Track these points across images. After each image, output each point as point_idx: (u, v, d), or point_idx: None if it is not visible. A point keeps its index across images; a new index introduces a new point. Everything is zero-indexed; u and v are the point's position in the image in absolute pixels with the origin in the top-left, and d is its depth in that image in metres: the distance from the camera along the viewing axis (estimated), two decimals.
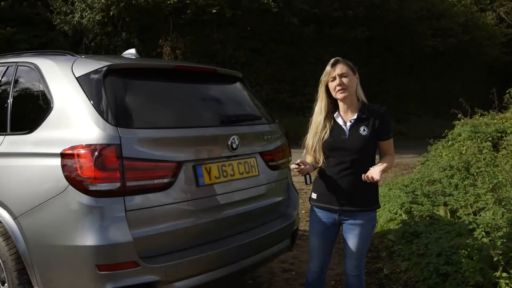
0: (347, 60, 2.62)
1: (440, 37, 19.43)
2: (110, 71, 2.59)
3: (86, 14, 15.12)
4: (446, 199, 4.92)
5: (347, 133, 2.57)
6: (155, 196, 2.46)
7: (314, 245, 2.74)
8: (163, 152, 2.51)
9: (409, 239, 4.24)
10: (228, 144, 2.80)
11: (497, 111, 7.93)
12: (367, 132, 2.54)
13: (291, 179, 3.52)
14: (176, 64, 3.18)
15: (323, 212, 2.67)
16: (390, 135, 2.61)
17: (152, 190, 2.46)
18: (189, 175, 2.62)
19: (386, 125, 2.58)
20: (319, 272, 2.77)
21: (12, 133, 2.78)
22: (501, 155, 6.32)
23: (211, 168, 2.73)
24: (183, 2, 14.68)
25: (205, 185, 2.69)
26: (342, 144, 2.57)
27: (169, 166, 2.52)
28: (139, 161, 2.41)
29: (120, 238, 2.31)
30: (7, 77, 3.03)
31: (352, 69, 2.59)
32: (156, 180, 2.46)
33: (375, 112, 2.57)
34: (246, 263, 2.89)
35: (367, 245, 2.69)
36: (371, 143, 2.56)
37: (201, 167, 2.68)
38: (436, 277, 3.38)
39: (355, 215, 2.59)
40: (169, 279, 2.45)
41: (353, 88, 2.58)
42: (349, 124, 2.58)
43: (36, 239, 2.45)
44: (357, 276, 2.70)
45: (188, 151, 2.64)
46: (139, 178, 2.39)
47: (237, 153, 2.87)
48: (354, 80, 2.58)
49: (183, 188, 2.59)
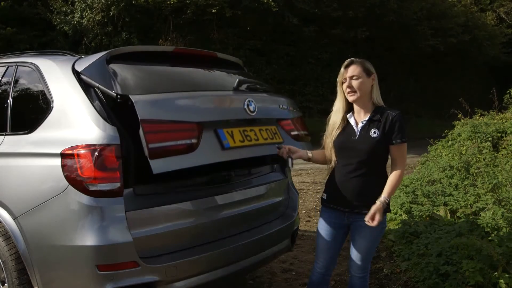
0: (342, 62, 2.58)
1: (440, 37, 19.42)
2: (112, 57, 2.61)
3: (86, 14, 15.11)
4: (446, 199, 4.92)
5: (357, 134, 2.54)
6: (182, 159, 2.38)
7: (320, 245, 2.70)
8: (179, 114, 2.47)
9: (409, 239, 4.25)
10: (244, 108, 2.75)
11: (497, 111, 7.93)
12: (378, 134, 2.49)
13: (291, 179, 3.52)
14: (176, 47, 3.20)
15: (332, 213, 2.64)
16: (404, 139, 2.50)
17: (178, 153, 2.37)
18: (212, 137, 2.55)
19: (398, 129, 2.49)
20: (323, 273, 2.72)
21: (12, 133, 2.78)
22: (501, 155, 6.32)
23: (233, 132, 2.68)
24: (183, 2, 14.67)
25: (230, 148, 2.62)
26: (352, 144, 2.55)
27: (189, 127, 2.45)
28: (157, 123, 2.34)
29: (120, 238, 2.31)
30: (7, 77, 3.03)
31: (367, 71, 2.54)
32: (179, 141, 2.39)
33: (388, 115, 2.51)
34: (246, 263, 2.89)
35: (374, 248, 2.65)
36: (381, 146, 2.50)
37: (223, 130, 2.63)
38: (436, 277, 3.38)
39: (363, 217, 2.49)
40: (169, 279, 2.45)
41: (365, 90, 2.53)
42: (361, 125, 2.55)
43: (36, 239, 2.45)
44: (362, 278, 2.66)
45: (205, 114, 2.59)
46: (160, 140, 2.31)
47: (255, 117, 2.80)
48: (366, 82, 2.53)
49: (209, 150, 2.52)
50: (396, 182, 2.49)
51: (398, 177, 2.49)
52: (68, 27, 15.30)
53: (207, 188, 2.82)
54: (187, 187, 2.76)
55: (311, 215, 5.92)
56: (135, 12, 15.26)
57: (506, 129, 6.83)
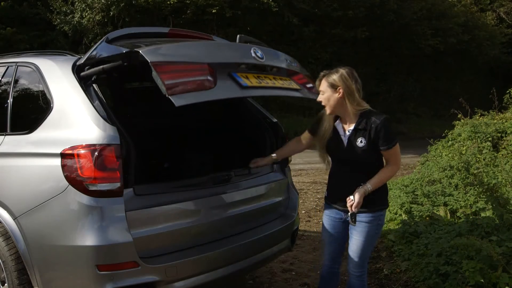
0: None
1: (440, 37, 19.40)
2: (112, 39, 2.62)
3: (86, 14, 15.10)
4: (446, 199, 4.93)
5: (345, 143, 2.58)
6: (201, 94, 2.31)
7: (325, 239, 2.81)
8: (189, 57, 2.43)
9: (409, 239, 4.25)
10: (252, 54, 2.65)
11: (497, 111, 7.92)
12: (364, 143, 2.51)
13: (291, 179, 3.52)
14: (171, 28, 3.20)
15: (332, 209, 2.73)
16: (390, 145, 2.50)
17: (196, 89, 2.30)
18: (227, 79, 2.50)
19: (384, 136, 2.48)
20: (330, 266, 2.82)
21: (12, 133, 2.78)
22: (501, 155, 6.32)
23: (248, 76, 2.62)
24: (183, 2, 14.67)
25: (248, 87, 2.55)
26: (341, 152, 2.60)
27: (202, 67, 2.39)
28: (168, 64, 2.29)
29: (120, 238, 2.32)
30: (7, 77, 3.03)
31: (332, 85, 2.53)
32: (195, 77, 2.33)
33: (373, 123, 2.49)
34: (246, 263, 2.90)
35: (371, 246, 2.69)
36: (370, 153, 2.53)
37: (237, 73, 2.57)
38: (436, 277, 3.38)
39: (359, 215, 2.58)
40: (169, 279, 2.46)
41: (333, 105, 2.54)
42: (348, 134, 2.57)
43: (36, 239, 2.45)
44: (359, 277, 2.70)
45: (214, 56, 2.54)
46: (175, 77, 2.25)
47: (265, 63, 2.73)
48: (332, 97, 2.53)
49: (227, 88, 2.48)
50: (384, 175, 2.54)
51: (388, 172, 2.56)
52: (68, 27, 15.29)
53: (207, 188, 2.82)
54: (187, 187, 2.76)
55: (311, 215, 5.92)
56: (135, 12, 15.25)
57: (506, 129, 6.83)
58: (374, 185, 2.52)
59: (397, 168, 2.58)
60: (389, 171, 2.56)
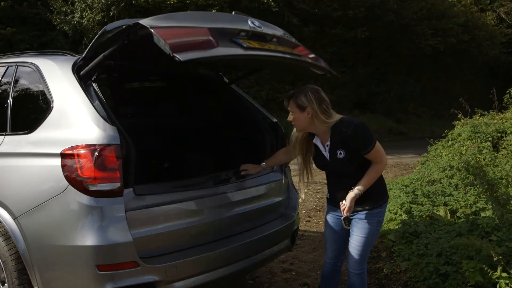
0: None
1: (440, 37, 19.39)
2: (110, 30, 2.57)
3: (86, 14, 15.10)
4: (446, 199, 4.93)
5: (328, 158, 2.64)
6: (205, 51, 2.32)
7: (327, 236, 2.85)
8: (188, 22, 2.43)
9: (409, 239, 4.25)
10: (249, 24, 2.63)
11: (497, 111, 7.92)
12: (343, 154, 2.57)
13: (291, 179, 3.53)
14: None
15: (334, 207, 2.77)
16: (369, 148, 2.52)
17: (199, 48, 2.30)
18: (229, 43, 2.47)
19: (360, 142, 2.52)
20: (333, 263, 2.84)
21: (12, 133, 2.79)
22: (501, 155, 6.32)
23: (250, 41, 2.58)
24: (183, 2, 14.68)
25: (251, 47, 2.53)
26: (327, 167, 2.69)
27: (202, 31, 2.38)
28: (169, 28, 2.28)
29: (120, 238, 2.32)
30: (7, 77, 3.03)
31: (300, 106, 2.57)
32: (197, 37, 2.33)
33: (344, 133, 2.53)
34: (246, 263, 2.90)
35: (371, 243, 2.72)
36: (352, 162, 2.58)
37: (238, 39, 2.54)
38: (436, 277, 3.38)
39: (358, 213, 2.64)
40: (169, 279, 2.46)
41: (302, 125, 2.62)
42: (327, 149, 2.64)
43: (36, 239, 2.45)
44: (359, 275, 2.72)
45: (213, 22, 2.52)
46: (177, 37, 2.24)
47: (264, 32, 2.70)
48: (300, 118, 2.59)
49: (230, 48, 2.46)
50: (372, 175, 2.58)
51: (375, 171, 2.59)
52: (68, 27, 15.29)
53: (207, 188, 2.82)
54: (187, 187, 2.76)
55: (311, 215, 5.92)
56: (135, 12, 15.24)
57: (506, 129, 6.84)
58: (365, 186, 2.56)
59: (383, 165, 2.62)
60: (376, 170, 2.59)
